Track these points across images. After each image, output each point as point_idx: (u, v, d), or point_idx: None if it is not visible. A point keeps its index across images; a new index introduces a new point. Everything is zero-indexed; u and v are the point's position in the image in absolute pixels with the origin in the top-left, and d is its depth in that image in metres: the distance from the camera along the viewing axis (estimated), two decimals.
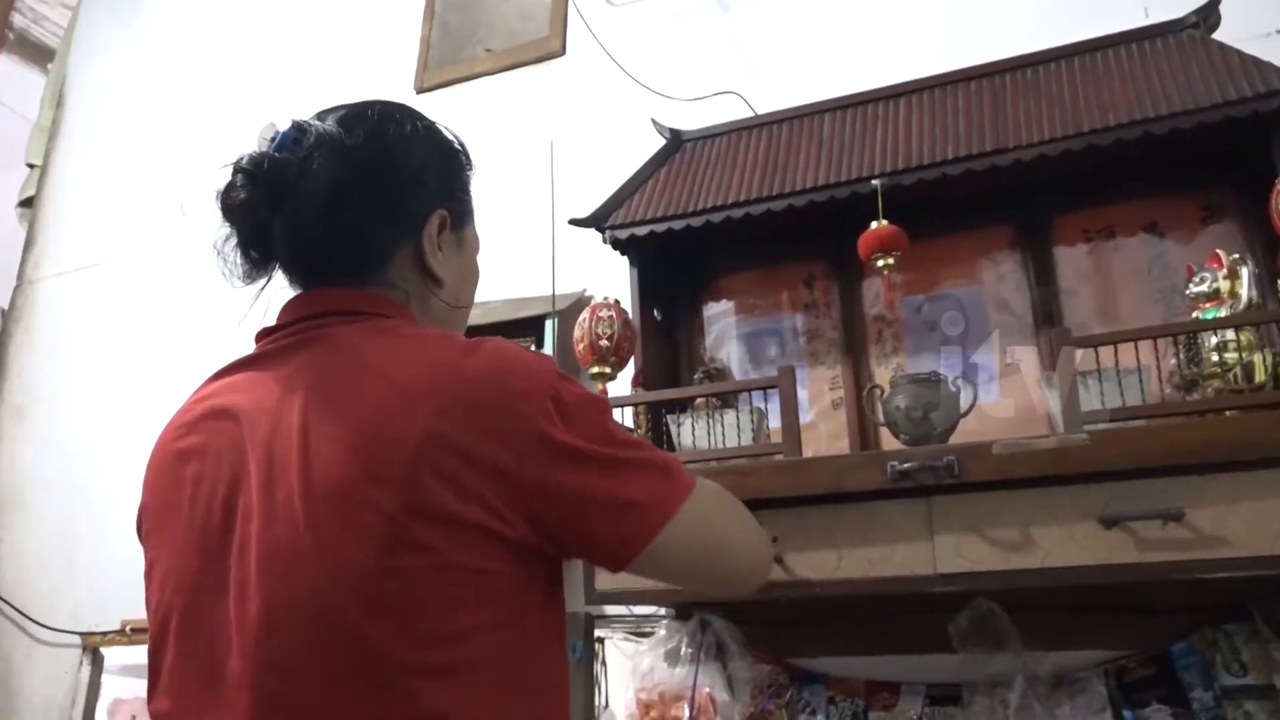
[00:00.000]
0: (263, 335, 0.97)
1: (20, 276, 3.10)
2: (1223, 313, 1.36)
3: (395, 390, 0.82)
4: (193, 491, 0.87)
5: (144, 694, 2.71)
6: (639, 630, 1.96)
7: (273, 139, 0.93)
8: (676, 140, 1.94)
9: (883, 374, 1.82)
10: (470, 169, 1.07)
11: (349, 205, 0.93)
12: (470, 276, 1.07)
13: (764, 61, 2.19)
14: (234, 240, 0.94)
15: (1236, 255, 1.37)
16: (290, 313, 0.96)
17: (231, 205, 0.93)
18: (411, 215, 0.98)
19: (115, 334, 2.86)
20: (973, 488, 1.34)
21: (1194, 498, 1.24)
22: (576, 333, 1.73)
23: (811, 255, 1.93)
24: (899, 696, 1.66)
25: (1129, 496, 1.27)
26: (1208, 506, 1.24)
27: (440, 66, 2.55)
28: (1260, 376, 1.30)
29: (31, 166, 3.19)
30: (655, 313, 1.92)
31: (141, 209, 2.95)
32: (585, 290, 2.18)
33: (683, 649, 1.81)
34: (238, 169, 0.93)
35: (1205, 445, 1.23)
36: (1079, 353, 1.40)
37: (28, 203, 3.17)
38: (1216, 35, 1.62)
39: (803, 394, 1.84)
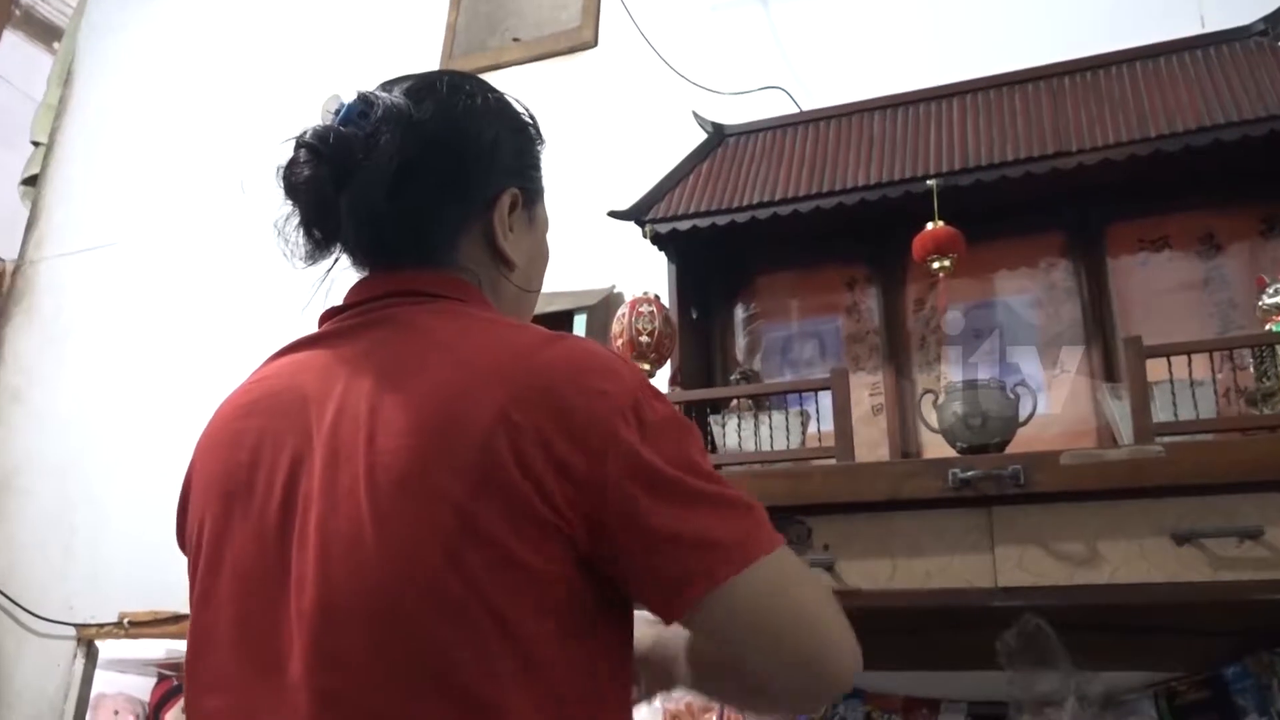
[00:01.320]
0: (327, 316, 0.91)
1: (21, 256, 3.02)
2: None
3: (467, 373, 0.77)
4: (249, 476, 0.82)
5: (129, 689, 2.62)
6: None
7: (337, 111, 0.87)
8: (719, 134, 1.89)
9: (925, 380, 1.77)
10: (541, 144, 1.01)
11: (418, 183, 0.88)
12: (541, 257, 1.02)
13: (804, 58, 2.14)
14: (296, 219, 0.88)
15: None
16: (357, 294, 0.90)
17: (295, 183, 0.87)
18: (482, 194, 0.92)
19: (119, 317, 2.78)
20: (1037, 499, 1.29)
21: (1272, 515, 1.20)
22: (615, 327, 1.68)
23: (853, 257, 1.88)
24: (939, 713, 1.61)
25: (1203, 512, 1.22)
26: None
27: (467, 54, 2.49)
28: None
29: (36, 144, 3.12)
30: (691, 311, 1.87)
31: (151, 190, 2.88)
32: (614, 286, 2.13)
33: None
34: (301, 144, 0.87)
35: None
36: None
37: (31, 180, 3.09)
38: None
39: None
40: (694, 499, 0.75)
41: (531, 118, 1.01)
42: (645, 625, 0.88)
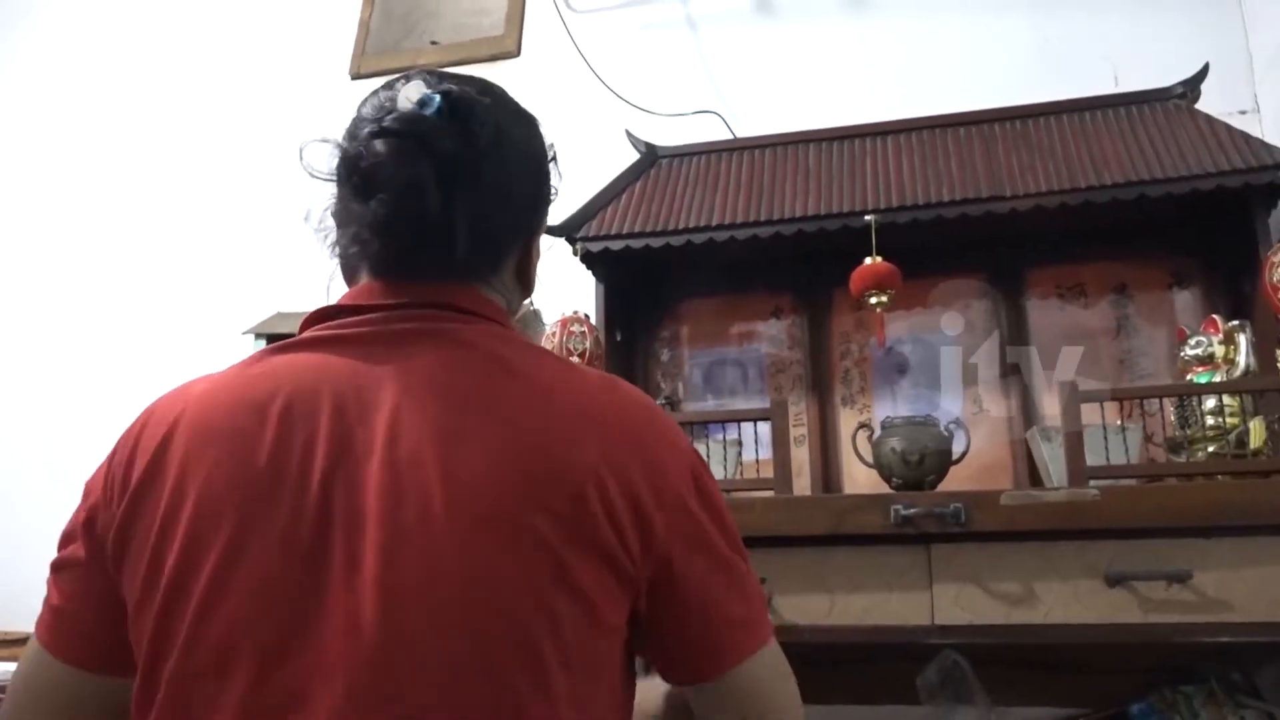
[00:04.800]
0: (321, 317, 0.81)
1: None
2: (1217, 377, 1.37)
3: (557, 410, 0.74)
4: (271, 488, 0.70)
5: None
6: None
7: (422, 103, 0.78)
8: (652, 155, 1.86)
9: (848, 414, 1.78)
10: None
11: (509, 202, 0.84)
12: None
13: (733, 85, 2.14)
14: (359, 211, 0.79)
15: (1236, 322, 1.39)
16: (370, 297, 0.80)
17: (387, 176, 0.77)
18: (538, 218, 0.90)
19: None
20: (976, 537, 1.30)
21: (1198, 560, 1.23)
22: (545, 346, 1.62)
23: (780, 287, 1.88)
24: None
25: (1134, 555, 1.25)
26: (1212, 570, 1.23)
27: (380, 54, 2.39)
28: (1256, 442, 1.31)
29: None
30: (616, 333, 1.83)
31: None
32: (531, 303, 2.07)
33: None
34: (392, 132, 0.77)
35: (1215, 507, 1.22)
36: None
37: None
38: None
39: (763, 428, 1.78)
40: (734, 572, 0.78)
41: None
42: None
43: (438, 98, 0.78)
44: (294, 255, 2.09)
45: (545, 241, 1.74)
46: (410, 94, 0.78)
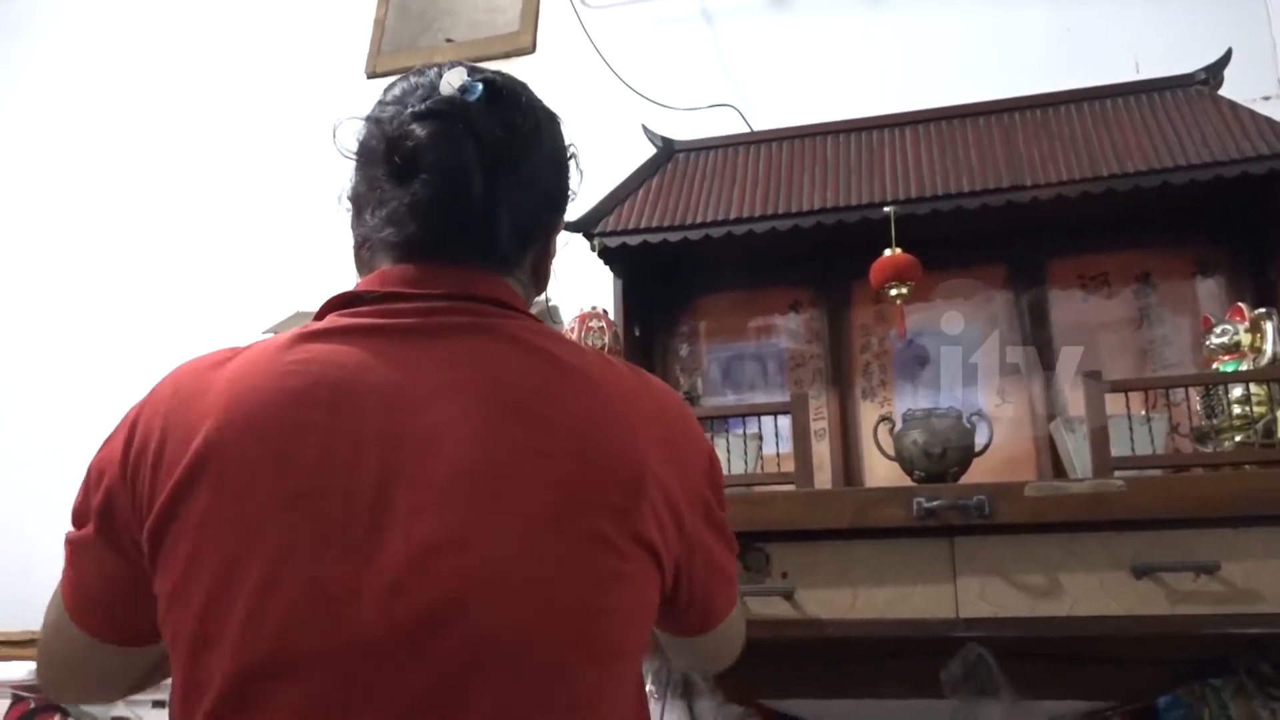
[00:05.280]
0: (341, 302, 0.78)
1: None
2: (1243, 366, 1.36)
3: (610, 408, 0.76)
4: (320, 480, 0.68)
5: None
6: None
7: (464, 89, 0.78)
8: (668, 149, 1.85)
9: (869, 407, 1.77)
10: None
11: (542, 194, 0.85)
12: None
13: (747, 78, 2.13)
14: (398, 190, 0.78)
15: (1262, 309, 1.37)
16: (420, 282, 0.78)
17: (433, 159, 0.76)
18: (559, 215, 0.91)
19: None
20: (999, 529, 1.29)
21: (1227, 551, 1.22)
22: None
23: (798, 280, 1.87)
24: None
25: (1160, 546, 1.24)
26: (1240, 560, 1.22)
27: (395, 52, 2.39)
28: None
29: None
30: (635, 328, 1.83)
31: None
32: (549, 299, 2.07)
33: (647, 686, 1.71)
34: (436, 114, 0.77)
35: (1243, 497, 1.21)
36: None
37: None
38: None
39: (783, 422, 1.77)
40: (728, 534, 0.87)
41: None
42: None
43: (480, 85, 0.78)
44: (312, 254, 2.12)
45: (562, 238, 1.75)
46: (452, 80, 0.78)
